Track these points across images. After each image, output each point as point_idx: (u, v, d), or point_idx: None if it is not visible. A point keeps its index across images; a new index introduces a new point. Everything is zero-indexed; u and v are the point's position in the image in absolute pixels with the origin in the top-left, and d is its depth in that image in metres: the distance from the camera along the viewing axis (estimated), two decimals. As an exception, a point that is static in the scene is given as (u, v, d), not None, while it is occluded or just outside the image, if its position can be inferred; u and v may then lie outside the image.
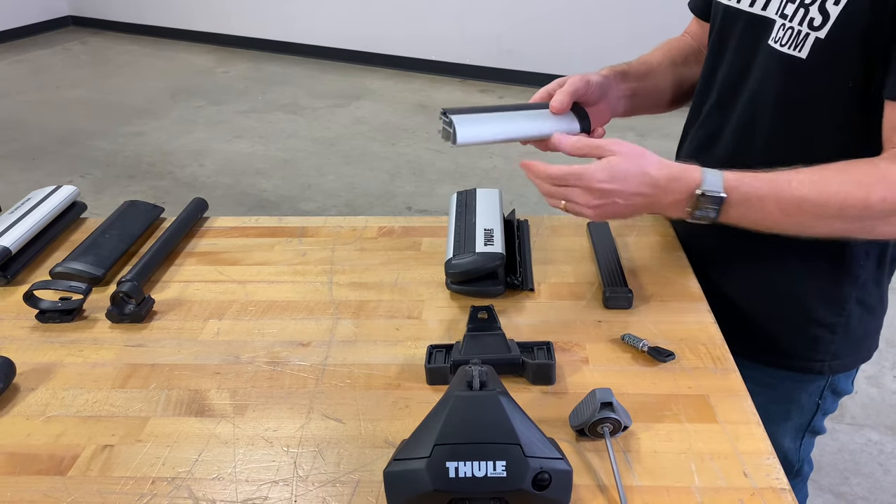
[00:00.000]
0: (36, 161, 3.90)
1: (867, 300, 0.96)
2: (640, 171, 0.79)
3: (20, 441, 0.77)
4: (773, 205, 0.79)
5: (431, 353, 0.86)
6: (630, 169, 0.79)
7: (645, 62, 1.09)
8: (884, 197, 0.75)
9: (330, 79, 5.17)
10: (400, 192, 3.49)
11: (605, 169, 0.79)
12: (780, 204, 0.78)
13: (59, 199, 1.18)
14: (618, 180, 0.79)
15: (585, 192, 0.80)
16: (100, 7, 6.50)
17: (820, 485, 1.91)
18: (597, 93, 0.98)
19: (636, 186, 0.79)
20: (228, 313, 0.98)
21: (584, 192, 0.80)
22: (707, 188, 0.78)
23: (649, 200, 0.81)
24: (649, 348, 0.86)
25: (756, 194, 0.79)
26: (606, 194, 0.79)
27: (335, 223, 1.20)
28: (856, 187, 0.76)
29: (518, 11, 4.75)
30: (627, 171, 0.79)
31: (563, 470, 0.63)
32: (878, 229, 0.80)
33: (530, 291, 1.00)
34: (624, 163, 0.79)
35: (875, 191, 0.76)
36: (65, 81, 5.19)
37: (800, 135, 0.88)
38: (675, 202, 0.81)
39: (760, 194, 0.79)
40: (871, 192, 0.76)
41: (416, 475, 0.62)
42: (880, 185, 0.76)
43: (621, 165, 0.79)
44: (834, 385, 1.02)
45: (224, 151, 3.97)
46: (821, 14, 0.80)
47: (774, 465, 0.71)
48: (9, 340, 0.93)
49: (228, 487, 0.71)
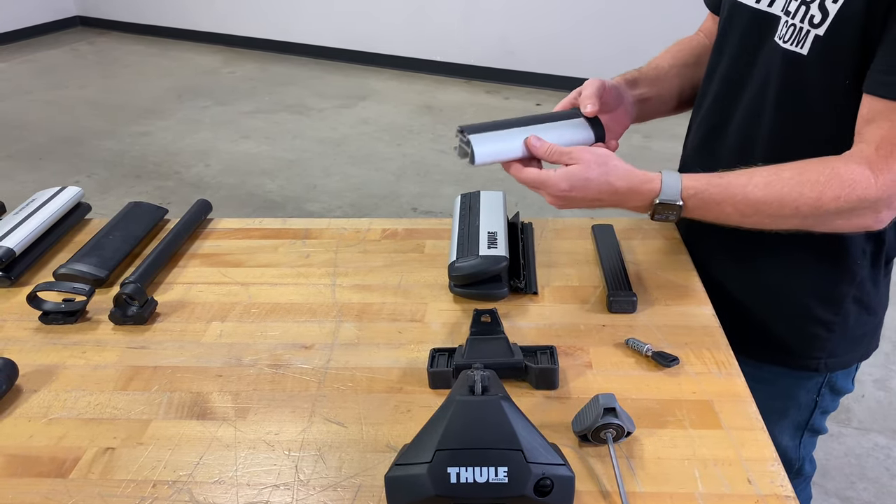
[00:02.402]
0: (42, 161, 3.91)
1: (865, 299, 0.97)
2: (600, 180, 0.85)
3: (22, 443, 0.77)
4: (730, 208, 0.85)
5: (434, 357, 0.85)
6: (590, 176, 0.85)
7: (656, 67, 1.09)
8: (837, 195, 0.79)
9: (336, 79, 5.17)
10: (405, 193, 3.49)
11: (565, 178, 0.85)
12: (737, 207, 0.84)
13: (63, 200, 1.19)
14: (577, 188, 0.85)
15: (548, 195, 0.88)
16: (107, 7, 6.52)
17: (826, 489, 1.90)
18: (614, 97, 1.00)
19: (595, 193, 0.86)
20: (231, 315, 0.97)
21: (548, 196, 0.88)
22: (664, 198, 0.85)
23: (610, 203, 0.88)
24: (653, 353, 0.86)
25: (713, 200, 0.85)
26: (568, 199, 0.87)
27: (339, 225, 1.20)
28: (809, 188, 0.81)
29: (523, 12, 4.74)
30: (587, 179, 0.85)
31: (565, 476, 0.63)
32: (834, 223, 0.83)
33: (534, 295, 0.99)
34: (584, 171, 0.85)
35: (828, 190, 0.80)
36: (72, 81, 5.21)
37: (801, 130, 0.88)
38: (636, 207, 0.88)
39: (717, 199, 0.85)
40: (824, 192, 0.80)
41: (418, 480, 0.62)
42: (833, 183, 0.80)
43: (581, 174, 0.85)
44: (832, 383, 1.02)
45: (230, 152, 3.98)
46: (820, 12, 0.81)
47: (779, 472, 0.70)
48: (12, 342, 0.93)
49: (229, 491, 0.70)
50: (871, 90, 0.79)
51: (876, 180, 0.78)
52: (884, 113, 0.78)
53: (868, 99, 0.79)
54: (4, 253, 1.03)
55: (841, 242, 0.91)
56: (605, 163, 0.85)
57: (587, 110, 0.95)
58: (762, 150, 0.91)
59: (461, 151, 0.90)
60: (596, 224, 1.14)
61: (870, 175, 0.79)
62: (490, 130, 0.90)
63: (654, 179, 0.86)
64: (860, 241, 0.92)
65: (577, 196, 0.86)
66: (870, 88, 0.79)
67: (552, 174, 0.86)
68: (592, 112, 0.95)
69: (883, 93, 0.78)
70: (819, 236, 0.87)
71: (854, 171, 0.79)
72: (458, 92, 4.89)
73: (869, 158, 0.79)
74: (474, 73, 5.05)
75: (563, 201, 0.87)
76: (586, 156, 0.86)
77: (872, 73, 0.78)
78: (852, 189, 0.79)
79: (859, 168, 0.79)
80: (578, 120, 0.95)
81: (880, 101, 0.78)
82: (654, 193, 0.85)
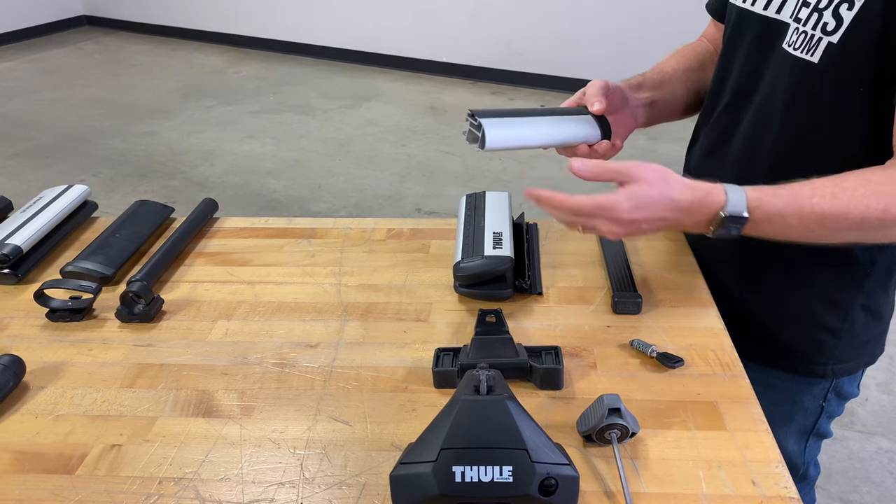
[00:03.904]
0: (49, 159, 3.93)
1: (873, 306, 0.96)
2: (664, 198, 0.77)
3: (29, 439, 0.77)
4: (795, 220, 0.78)
5: (439, 357, 0.85)
6: (654, 196, 0.77)
7: (660, 71, 1.09)
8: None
9: (341, 80, 5.18)
10: (409, 194, 3.49)
11: (630, 198, 0.76)
12: (803, 220, 0.78)
13: (70, 198, 1.19)
14: (642, 209, 0.77)
15: (610, 221, 0.77)
16: (113, 7, 6.54)
17: (829, 492, 1.89)
18: (618, 97, 0.99)
19: (661, 212, 0.78)
20: (237, 314, 0.98)
21: (609, 222, 0.77)
22: (731, 210, 0.77)
23: (673, 223, 0.80)
24: (658, 354, 0.86)
25: (779, 213, 0.78)
26: (632, 223, 0.77)
27: (344, 225, 1.20)
28: (875, 199, 0.76)
29: (529, 14, 4.75)
30: (652, 199, 0.77)
31: (569, 476, 0.63)
32: (894, 235, 0.80)
33: (539, 295, 0.99)
34: (649, 190, 0.77)
35: (894, 200, 0.75)
36: (78, 81, 5.23)
37: (810, 139, 0.87)
38: (698, 223, 0.80)
39: (783, 212, 0.78)
40: (891, 202, 0.75)
41: (423, 479, 0.62)
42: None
43: (646, 193, 0.77)
44: (838, 388, 1.02)
45: (235, 152, 3.99)
46: (834, 19, 0.79)
47: (783, 474, 0.70)
48: (19, 339, 0.94)
49: (235, 489, 0.71)
50: None
51: None
52: None
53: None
54: (12, 250, 1.04)
55: (850, 250, 0.90)
56: (664, 177, 0.78)
57: (595, 108, 0.94)
58: (769, 158, 0.90)
59: (471, 136, 0.86)
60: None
61: None
62: (502, 116, 0.88)
63: (718, 190, 0.78)
64: (870, 248, 0.90)
65: (642, 218, 0.77)
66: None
67: (612, 197, 0.76)
68: (600, 109, 0.94)
69: None
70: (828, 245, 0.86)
71: None
72: (464, 93, 4.89)
73: None
74: (480, 74, 5.05)
75: (627, 227, 0.78)
76: (646, 173, 0.77)
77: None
78: None
79: None
80: (586, 117, 0.95)
81: None
82: (720, 205, 0.77)
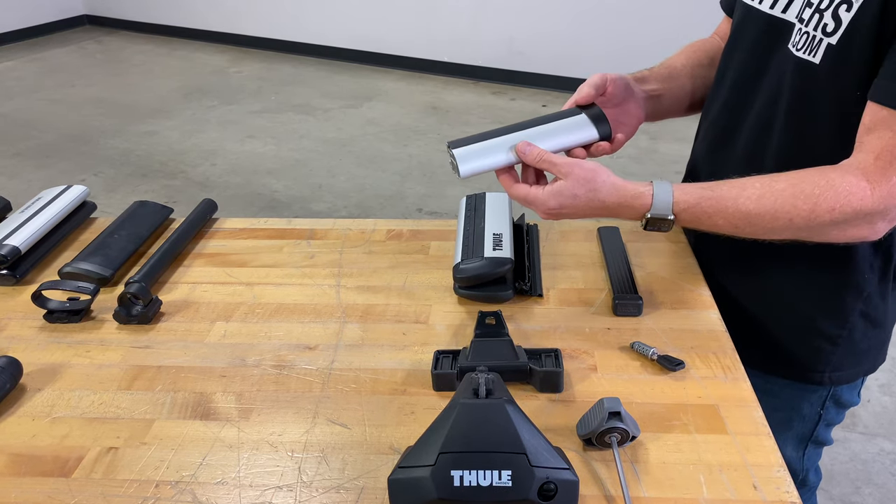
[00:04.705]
0: (49, 159, 3.93)
1: (872, 313, 0.95)
2: (589, 196, 0.85)
3: (25, 442, 0.77)
4: (721, 220, 0.84)
5: (438, 359, 0.85)
6: (578, 193, 0.85)
7: (667, 65, 1.08)
8: (831, 207, 0.78)
9: (342, 80, 5.18)
10: (410, 194, 3.49)
11: (553, 195, 0.85)
12: (729, 220, 0.83)
13: (69, 198, 1.19)
14: (566, 205, 0.85)
15: (538, 211, 0.88)
16: (115, 6, 6.54)
17: (831, 494, 1.89)
18: (621, 88, 0.99)
19: (585, 209, 0.86)
20: (236, 315, 0.97)
21: (538, 211, 0.88)
22: (655, 213, 0.85)
23: (602, 215, 0.88)
24: (659, 357, 0.85)
25: (704, 213, 0.84)
26: (556, 214, 0.87)
27: (344, 225, 1.20)
28: (802, 200, 0.80)
29: (531, 13, 4.74)
30: (576, 196, 0.85)
31: (569, 480, 0.63)
32: (829, 234, 0.82)
33: (539, 297, 0.99)
34: (572, 188, 0.85)
35: (822, 202, 0.78)
36: (79, 80, 5.23)
37: (812, 140, 0.87)
38: (628, 218, 0.88)
39: (709, 213, 0.84)
40: (819, 204, 0.79)
41: (421, 483, 0.62)
42: (827, 195, 0.78)
43: (570, 191, 0.85)
44: (837, 396, 1.01)
45: (236, 151, 3.98)
46: (833, 20, 0.79)
47: (784, 478, 0.70)
48: (16, 340, 0.93)
49: (232, 492, 0.70)
50: (874, 97, 0.77)
51: (872, 192, 0.77)
52: (886, 121, 0.76)
53: (871, 107, 0.78)
54: (10, 251, 1.04)
55: (848, 256, 0.90)
56: (592, 178, 0.85)
57: (580, 95, 0.94)
58: (772, 159, 0.90)
59: (453, 166, 0.90)
60: (602, 227, 1.14)
61: (866, 186, 0.77)
62: (476, 142, 0.90)
63: (645, 194, 0.85)
64: (868, 254, 0.90)
65: (568, 213, 0.86)
66: (874, 96, 0.77)
67: (540, 193, 0.86)
68: (586, 97, 0.94)
69: (886, 101, 0.76)
70: (826, 249, 0.86)
71: (850, 182, 0.78)
72: (465, 93, 4.88)
73: (866, 169, 0.78)
74: (482, 73, 5.05)
75: (555, 216, 0.88)
76: (575, 170, 0.85)
77: (878, 80, 0.77)
78: (847, 201, 0.77)
79: (855, 179, 0.78)
80: (580, 117, 0.94)
81: (883, 108, 0.76)
82: (645, 208, 0.85)
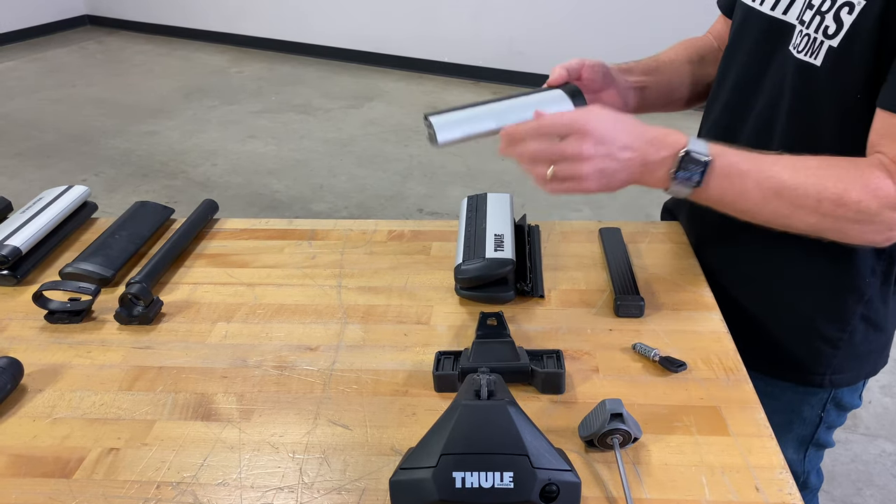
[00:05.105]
0: (50, 159, 3.93)
1: (873, 317, 0.95)
2: (627, 123, 0.79)
3: (26, 443, 0.77)
4: (752, 183, 0.78)
5: (439, 360, 0.85)
6: (619, 116, 0.79)
7: (655, 59, 1.08)
8: (860, 199, 0.76)
9: (343, 80, 5.18)
10: (411, 194, 3.49)
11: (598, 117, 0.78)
12: (760, 185, 0.78)
13: (70, 199, 1.19)
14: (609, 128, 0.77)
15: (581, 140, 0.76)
16: (116, 7, 6.54)
17: (833, 496, 1.88)
18: (600, 74, 0.97)
19: (626, 138, 0.78)
20: (237, 316, 0.97)
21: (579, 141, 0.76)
22: (693, 148, 0.78)
23: (639, 157, 0.79)
24: (661, 358, 0.85)
25: (738, 168, 0.79)
26: (603, 141, 0.77)
27: (345, 226, 1.20)
28: (834, 182, 0.76)
29: (532, 14, 4.74)
30: (616, 118, 0.79)
31: (571, 482, 0.63)
32: (849, 231, 0.79)
33: (540, 298, 0.99)
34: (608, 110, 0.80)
35: (852, 189, 0.76)
36: (80, 80, 5.23)
37: (814, 141, 0.86)
38: (664, 160, 0.78)
39: (742, 169, 0.79)
40: (849, 190, 0.76)
41: (422, 485, 0.62)
42: (858, 185, 0.76)
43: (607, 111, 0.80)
44: (837, 399, 1.01)
45: (237, 151, 3.98)
46: (835, 22, 0.79)
47: (787, 480, 0.69)
48: (17, 341, 0.93)
49: (233, 493, 0.70)
50: (885, 105, 0.76)
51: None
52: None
53: (882, 114, 0.77)
54: (10, 251, 1.03)
55: (850, 258, 0.90)
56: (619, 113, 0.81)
57: (553, 76, 0.92)
58: None
59: (430, 137, 0.88)
60: (603, 227, 1.14)
61: (892, 185, 0.75)
62: (454, 111, 0.88)
63: (678, 132, 0.79)
64: (870, 258, 0.90)
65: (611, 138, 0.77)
66: (884, 104, 0.76)
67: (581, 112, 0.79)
68: (559, 77, 0.92)
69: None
70: (828, 252, 0.85)
71: (879, 178, 0.76)
72: (466, 93, 4.88)
73: (890, 171, 0.76)
74: (482, 73, 5.05)
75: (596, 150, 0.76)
76: (594, 106, 0.81)
77: (887, 87, 0.76)
78: (875, 195, 0.75)
79: (883, 176, 0.76)
80: (556, 92, 0.91)
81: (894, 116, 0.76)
82: (680, 145, 0.78)
